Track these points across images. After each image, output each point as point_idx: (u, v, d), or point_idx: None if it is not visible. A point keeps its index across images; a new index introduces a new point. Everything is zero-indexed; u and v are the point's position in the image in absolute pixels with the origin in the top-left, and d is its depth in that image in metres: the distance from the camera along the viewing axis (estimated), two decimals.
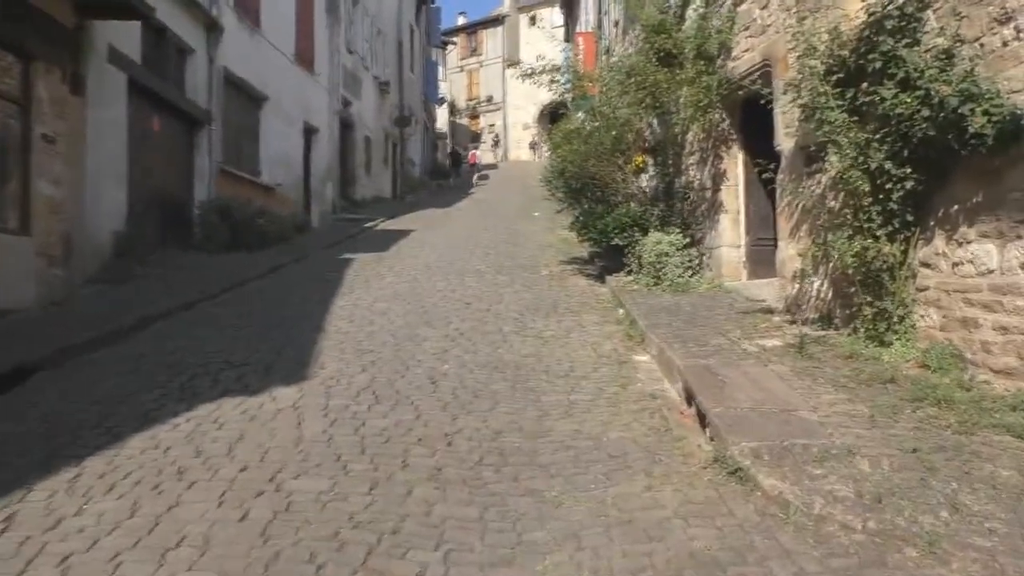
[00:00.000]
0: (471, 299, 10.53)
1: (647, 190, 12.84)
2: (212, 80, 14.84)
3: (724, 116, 10.54)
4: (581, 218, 13.17)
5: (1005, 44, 5.74)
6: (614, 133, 12.12)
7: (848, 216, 7.02)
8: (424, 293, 11.01)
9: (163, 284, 11.08)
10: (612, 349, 7.86)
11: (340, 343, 8.12)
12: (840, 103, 6.94)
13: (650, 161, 12.65)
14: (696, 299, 9.68)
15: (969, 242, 6.06)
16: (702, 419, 5.50)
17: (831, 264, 7.51)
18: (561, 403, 6.13)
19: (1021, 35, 5.60)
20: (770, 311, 8.59)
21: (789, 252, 8.54)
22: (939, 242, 6.38)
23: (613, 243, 11.41)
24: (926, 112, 6.01)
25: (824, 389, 5.80)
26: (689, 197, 11.56)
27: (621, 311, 9.46)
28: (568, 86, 14.35)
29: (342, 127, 24.45)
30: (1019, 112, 5.53)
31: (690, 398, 5.98)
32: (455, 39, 55.15)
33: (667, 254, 10.56)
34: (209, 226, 13.99)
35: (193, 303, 10.13)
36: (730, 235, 10.52)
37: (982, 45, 5.93)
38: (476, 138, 53.88)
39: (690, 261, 10.76)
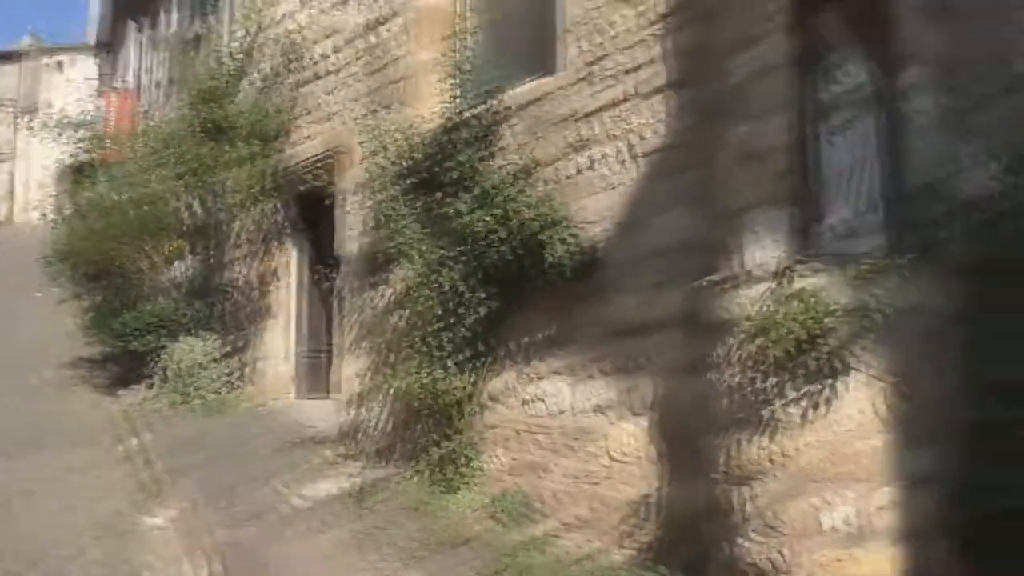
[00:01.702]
0: None
1: (183, 284, 10.78)
2: None
3: (281, 207, 9.21)
4: (93, 313, 10.56)
5: (580, 172, 5.46)
6: (145, 210, 9.99)
7: (416, 339, 6.15)
8: None
9: None
10: (114, 509, 5.74)
11: None
12: (413, 211, 6.13)
13: (188, 249, 10.70)
14: (235, 423, 7.99)
15: (542, 378, 5.56)
16: None
17: (394, 391, 6.50)
18: None
19: (595, 166, 5.35)
20: (324, 441, 7.30)
21: (348, 370, 7.44)
22: (511, 375, 5.80)
23: (132, 347, 9.17)
24: (504, 233, 5.43)
25: (393, 566, 4.62)
26: (233, 296, 9.85)
27: (135, 441, 7.32)
28: (88, 147, 11.81)
29: None
30: (595, 245, 5.20)
31: None
32: None
33: (201, 365, 8.72)
34: None
35: None
36: (280, 344, 9.06)
37: (558, 170, 5.59)
38: None
39: (229, 374, 9.04)
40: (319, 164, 8.13)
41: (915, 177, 3.84)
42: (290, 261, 9.21)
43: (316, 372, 8.71)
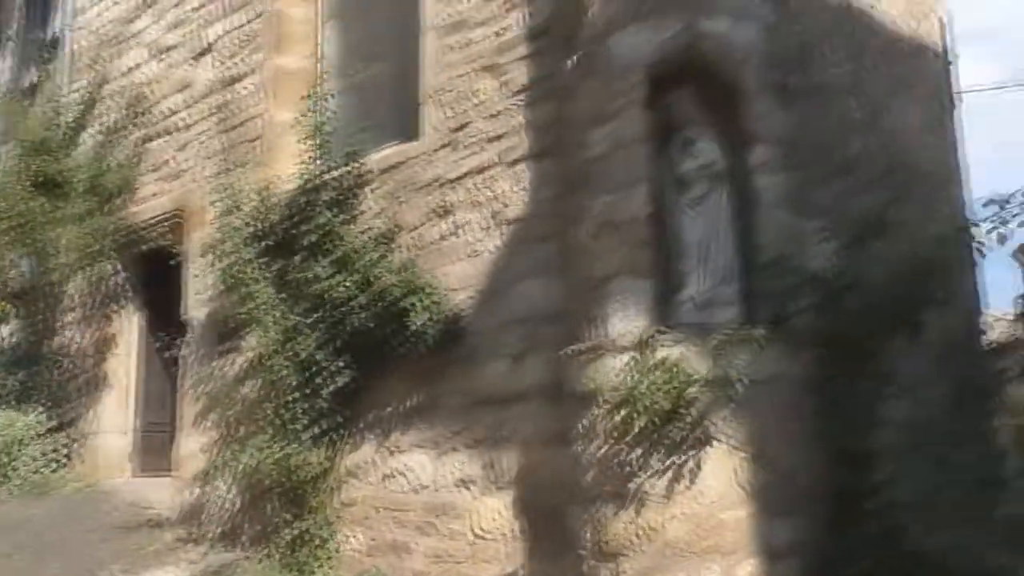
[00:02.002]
0: None
1: (4, 351, 9.74)
2: None
3: (121, 268, 8.53)
4: None
5: (443, 238, 5.37)
6: None
7: (269, 411, 5.76)
8: None
9: None
10: None
11: None
12: (267, 275, 5.81)
13: (13, 313, 9.70)
14: (60, 506, 7.15)
15: (403, 451, 5.33)
16: None
17: (243, 467, 6.01)
18: None
19: (460, 232, 5.28)
20: (163, 523, 6.65)
21: (192, 446, 6.86)
22: (370, 449, 5.54)
23: None
24: (364, 299, 5.24)
25: None
26: (63, 364, 8.96)
27: None
28: None
29: None
30: (459, 312, 5.09)
31: None
32: None
33: (22, 441, 7.80)
34: None
35: None
36: (116, 418, 8.26)
37: (421, 235, 5.48)
38: None
39: (55, 451, 8.11)
40: (166, 223, 7.61)
41: (765, 251, 3.99)
42: (130, 326, 8.50)
43: (157, 448, 8.00)
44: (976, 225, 3.39)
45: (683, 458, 3.67)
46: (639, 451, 3.76)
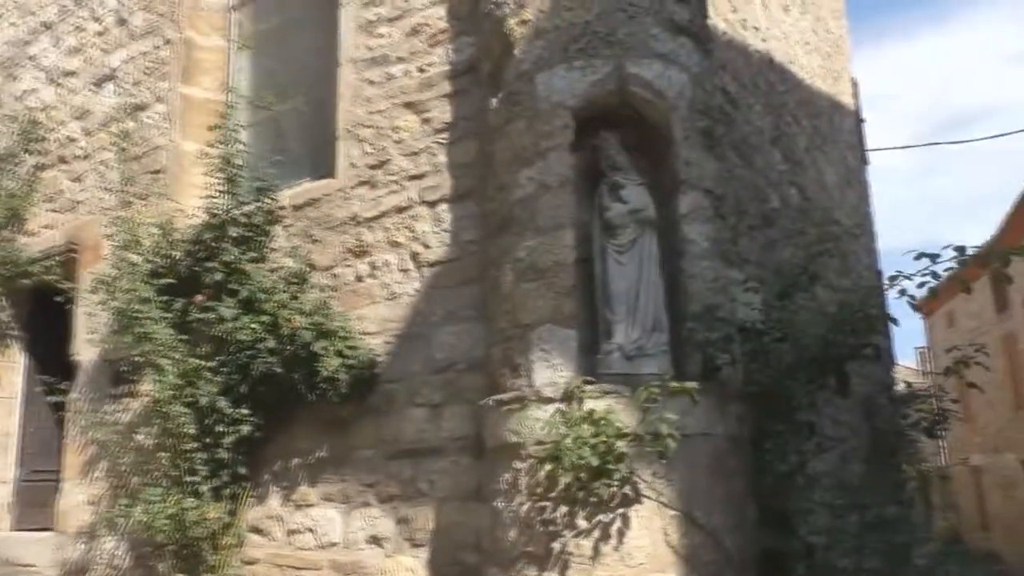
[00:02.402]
0: None
1: None
2: None
3: (6, 304, 7.89)
4: None
5: (360, 279, 5.12)
6: None
7: (165, 461, 5.33)
8: None
9: None
10: None
11: None
12: (167, 315, 5.41)
13: None
14: None
15: (311, 505, 5.01)
16: None
17: (133, 522, 5.52)
18: None
19: (377, 273, 5.04)
20: None
21: (78, 498, 6.32)
22: (276, 502, 5.19)
23: None
24: (273, 342, 4.91)
25: None
26: None
27: None
28: None
29: None
30: (375, 358, 4.83)
31: None
32: None
33: None
34: None
35: None
36: None
37: (335, 275, 5.21)
38: None
39: None
40: (58, 257, 7.07)
41: (693, 300, 3.90)
42: (16, 369, 7.84)
43: (39, 500, 7.33)
44: (908, 278, 3.39)
45: (610, 517, 3.49)
46: (564, 509, 3.56)
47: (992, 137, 18.22)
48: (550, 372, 3.81)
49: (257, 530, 5.22)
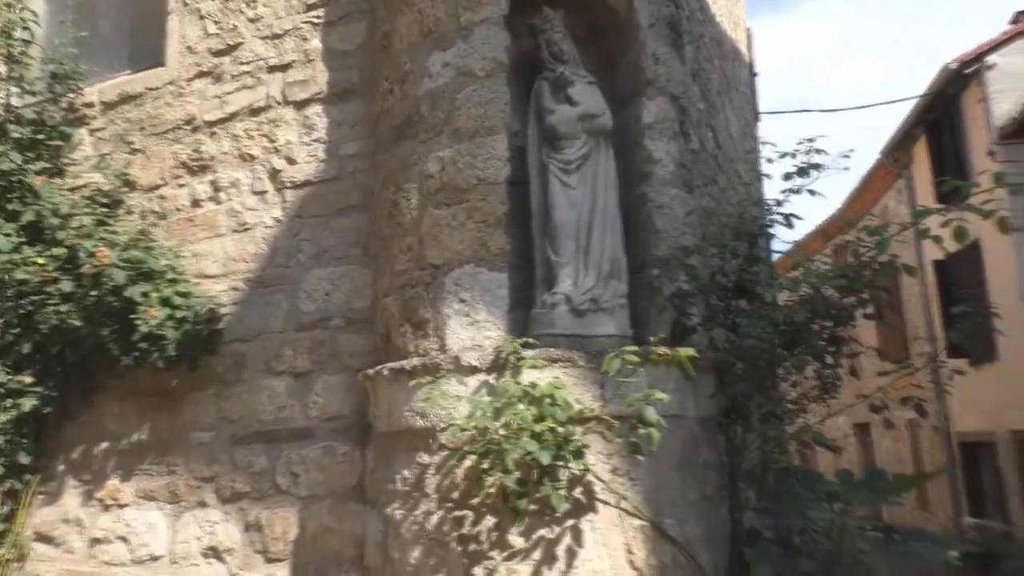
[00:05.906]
0: None
1: None
2: None
3: None
4: None
5: (197, 204, 3.83)
6: None
7: None
8: None
9: None
10: None
11: None
12: None
13: None
14: None
15: (123, 505, 3.79)
16: None
17: None
18: None
19: (221, 196, 3.77)
20: None
21: None
22: (74, 501, 3.88)
23: None
24: (70, 285, 3.56)
25: None
26: None
27: None
28: None
29: None
30: (217, 310, 3.58)
31: None
32: None
33: None
34: None
35: None
36: None
37: (163, 198, 3.89)
38: None
39: None
40: None
41: (662, 241, 2.95)
42: None
43: None
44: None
45: (556, 531, 2.50)
46: (491, 521, 2.55)
47: (858, 108, 18.47)
48: (472, 331, 2.75)
49: (46, 538, 3.89)
